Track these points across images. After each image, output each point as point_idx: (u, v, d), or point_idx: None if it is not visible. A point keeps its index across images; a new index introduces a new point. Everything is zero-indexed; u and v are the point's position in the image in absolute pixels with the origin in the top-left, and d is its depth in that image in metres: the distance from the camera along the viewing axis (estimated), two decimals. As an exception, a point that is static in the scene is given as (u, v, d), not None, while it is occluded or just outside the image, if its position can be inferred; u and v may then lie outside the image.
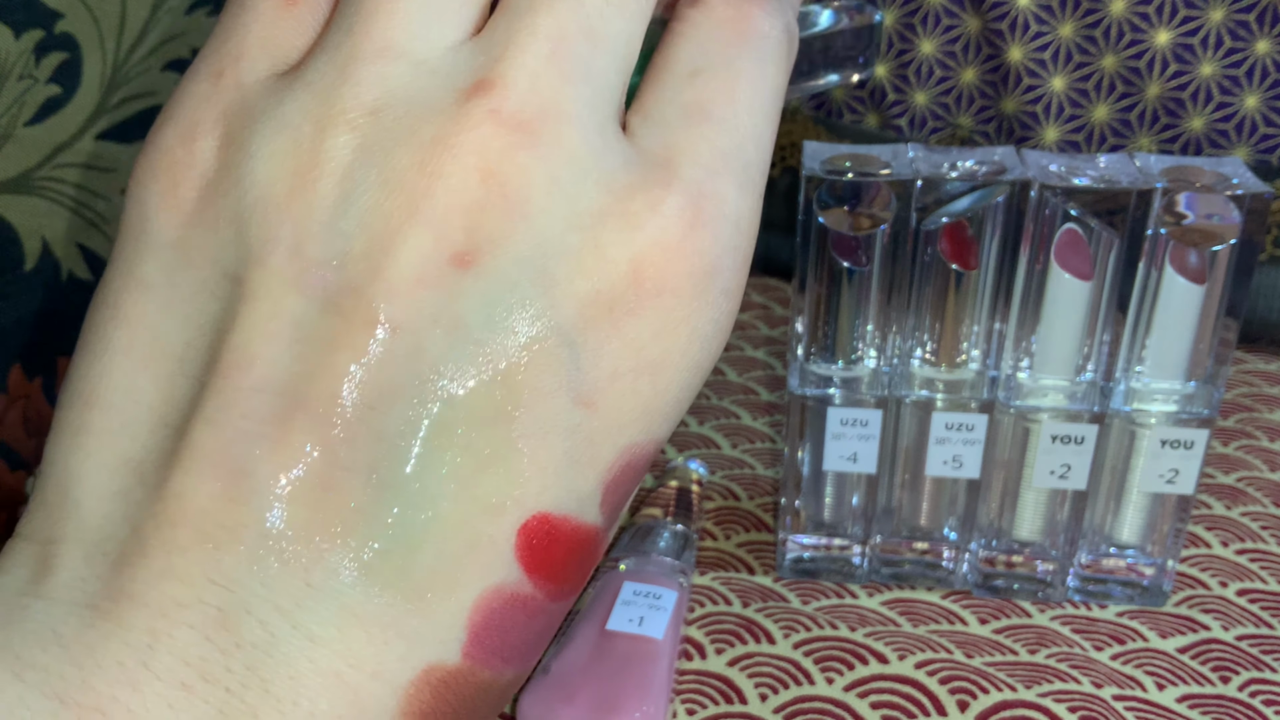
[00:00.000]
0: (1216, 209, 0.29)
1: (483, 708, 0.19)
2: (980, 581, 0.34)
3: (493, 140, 0.17)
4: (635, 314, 0.18)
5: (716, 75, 0.20)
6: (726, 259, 0.19)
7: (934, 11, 0.50)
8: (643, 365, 0.18)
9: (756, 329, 0.53)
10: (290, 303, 0.17)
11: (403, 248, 0.17)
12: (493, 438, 0.17)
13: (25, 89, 0.37)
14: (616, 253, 0.18)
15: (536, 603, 0.18)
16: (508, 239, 0.17)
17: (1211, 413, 0.31)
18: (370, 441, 0.17)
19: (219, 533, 0.17)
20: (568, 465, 0.18)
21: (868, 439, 0.32)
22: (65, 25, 0.37)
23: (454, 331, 0.17)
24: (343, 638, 0.17)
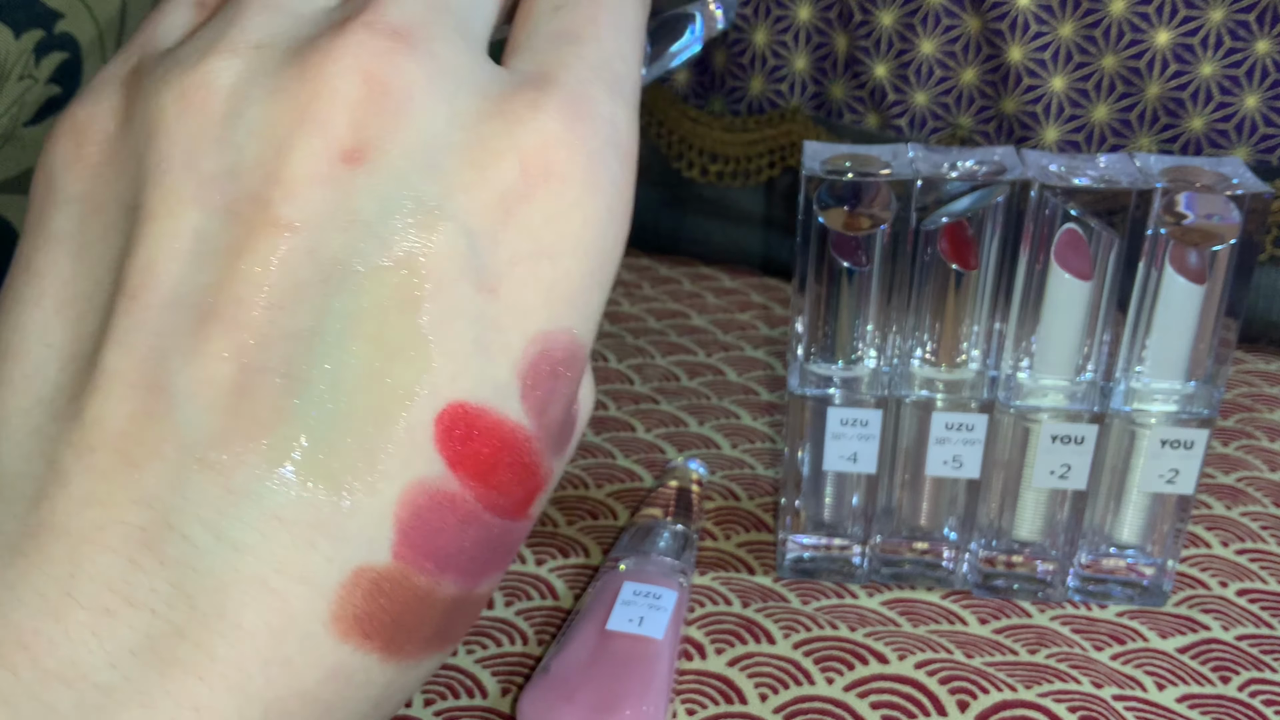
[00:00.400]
0: (1216, 209, 0.29)
1: (425, 621, 0.18)
2: (980, 581, 0.34)
3: (370, 44, 0.18)
4: (526, 200, 0.18)
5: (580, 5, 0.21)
6: (609, 152, 0.19)
7: (934, 11, 0.50)
8: (540, 249, 0.19)
9: (756, 329, 0.53)
10: (190, 216, 0.18)
11: (294, 151, 0.18)
12: (399, 327, 0.18)
13: (25, 89, 0.37)
14: (501, 144, 0.18)
15: (467, 505, 0.18)
16: (393, 135, 0.18)
17: (1211, 413, 0.31)
18: (281, 341, 0.17)
19: (138, 451, 0.17)
20: (476, 351, 0.18)
21: (868, 439, 0.32)
22: (65, 25, 0.37)
23: (351, 226, 0.18)
24: (267, 543, 0.17)
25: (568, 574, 0.35)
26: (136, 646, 0.16)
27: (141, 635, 0.16)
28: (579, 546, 0.36)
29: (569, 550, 0.36)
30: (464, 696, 0.30)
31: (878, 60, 0.51)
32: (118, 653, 0.16)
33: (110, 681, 0.16)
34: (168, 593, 0.16)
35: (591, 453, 0.42)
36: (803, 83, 0.54)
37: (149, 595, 0.16)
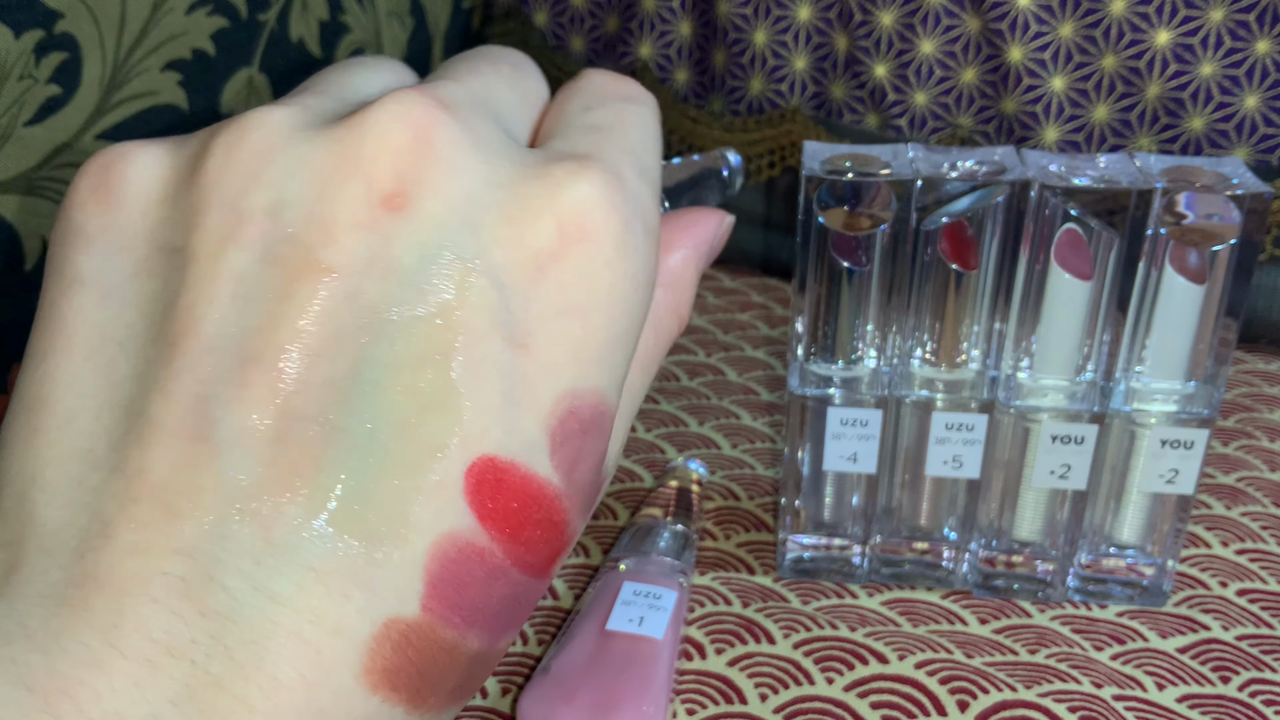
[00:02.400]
0: (1216, 209, 0.29)
1: (449, 674, 0.18)
2: (980, 581, 0.34)
3: (417, 102, 0.19)
4: (559, 259, 0.19)
5: (607, 107, 0.22)
6: (638, 223, 0.20)
7: (934, 11, 0.50)
8: (570, 307, 0.19)
9: (756, 329, 0.53)
10: (231, 258, 0.18)
11: (336, 194, 0.18)
12: (432, 378, 0.18)
13: (25, 89, 0.37)
14: (539, 204, 0.19)
15: (495, 559, 0.18)
16: (434, 185, 0.18)
17: (1211, 413, 0.31)
18: (319, 389, 0.17)
19: (180, 501, 0.17)
20: (507, 406, 0.18)
21: (868, 439, 0.32)
22: (65, 25, 0.37)
23: (390, 274, 0.18)
24: (303, 594, 0.17)
25: (568, 574, 0.35)
26: (177, 697, 0.16)
27: (181, 686, 0.16)
28: (579, 546, 0.36)
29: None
30: (464, 696, 0.30)
31: (878, 60, 0.51)
32: (159, 703, 0.16)
33: None
34: (207, 644, 0.16)
35: (591, 453, 0.42)
36: (803, 83, 0.54)
37: (189, 646, 0.16)
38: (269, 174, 0.18)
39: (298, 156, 0.18)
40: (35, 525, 0.17)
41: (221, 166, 0.18)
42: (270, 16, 0.48)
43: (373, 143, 0.18)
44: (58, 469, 0.18)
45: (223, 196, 0.18)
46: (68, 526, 0.17)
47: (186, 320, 0.18)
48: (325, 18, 0.51)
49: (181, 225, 0.18)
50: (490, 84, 0.21)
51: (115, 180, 0.19)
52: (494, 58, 0.23)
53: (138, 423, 0.17)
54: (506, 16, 0.60)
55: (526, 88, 0.23)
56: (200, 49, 0.44)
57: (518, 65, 0.23)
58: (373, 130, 0.18)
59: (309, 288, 0.18)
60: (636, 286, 0.20)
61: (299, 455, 0.17)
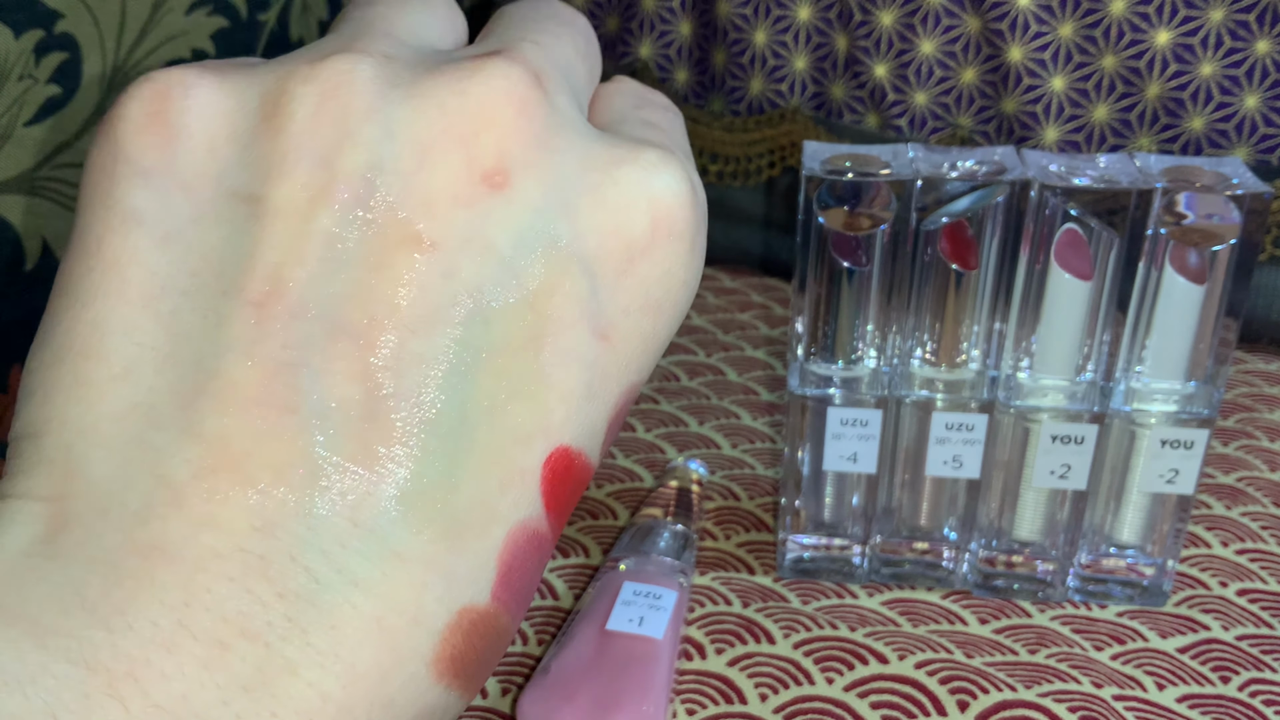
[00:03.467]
0: (1216, 209, 0.29)
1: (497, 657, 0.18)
2: (980, 581, 0.34)
3: (519, 74, 0.18)
4: (648, 254, 0.19)
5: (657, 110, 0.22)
6: (704, 223, 0.20)
7: (934, 11, 0.50)
8: (649, 304, 0.19)
9: (756, 329, 0.53)
10: (321, 218, 0.17)
11: (437, 164, 0.17)
12: (522, 365, 0.17)
13: (25, 89, 0.37)
14: (636, 192, 0.18)
15: (547, 543, 0.18)
16: (535, 165, 0.18)
17: (1211, 413, 0.31)
18: (412, 367, 0.17)
19: (263, 474, 0.16)
20: (587, 397, 0.18)
21: (868, 439, 0.32)
22: (65, 25, 0.37)
23: (487, 253, 0.17)
24: (386, 580, 0.16)
25: (568, 574, 0.35)
26: (250, 682, 0.15)
27: (254, 670, 0.15)
28: (579, 546, 0.36)
29: (569, 550, 0.36)
30: (464, 696, 0.30)
31: (878, 60, 0.51)
32: (230, 688, 0.15)
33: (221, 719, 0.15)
34: (284, 627, 0.15)
35: (591, 453, 0.42)
36: (803, 83, 0.54)
37: (265, 629, 0.15)
38: (366, 133, 0.17)
39: (398, 118, 0.17)
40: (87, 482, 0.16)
41: (312, 117, 0.17)
42: (270, 16, 0.48)
43: (476, 116, 0.17)
44: (114, 424, 0.16)
45: (314, 150, 0.17)
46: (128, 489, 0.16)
47: (272, 279, 0.17)
48: (325, 18, 0.51)
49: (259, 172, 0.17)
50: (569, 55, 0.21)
51: (176, 111, 0.18)
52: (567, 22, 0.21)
53: (214, 384, 0.16)
54: (506, 16, 0.60)
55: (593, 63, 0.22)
56: (200, 49, 0.44)
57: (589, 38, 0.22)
58: (477, 102, 0.17)
59: (406, 260, 0.17)
60: (694, 287, 0.20)
61: (389, 434, 0.16)
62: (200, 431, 0.16)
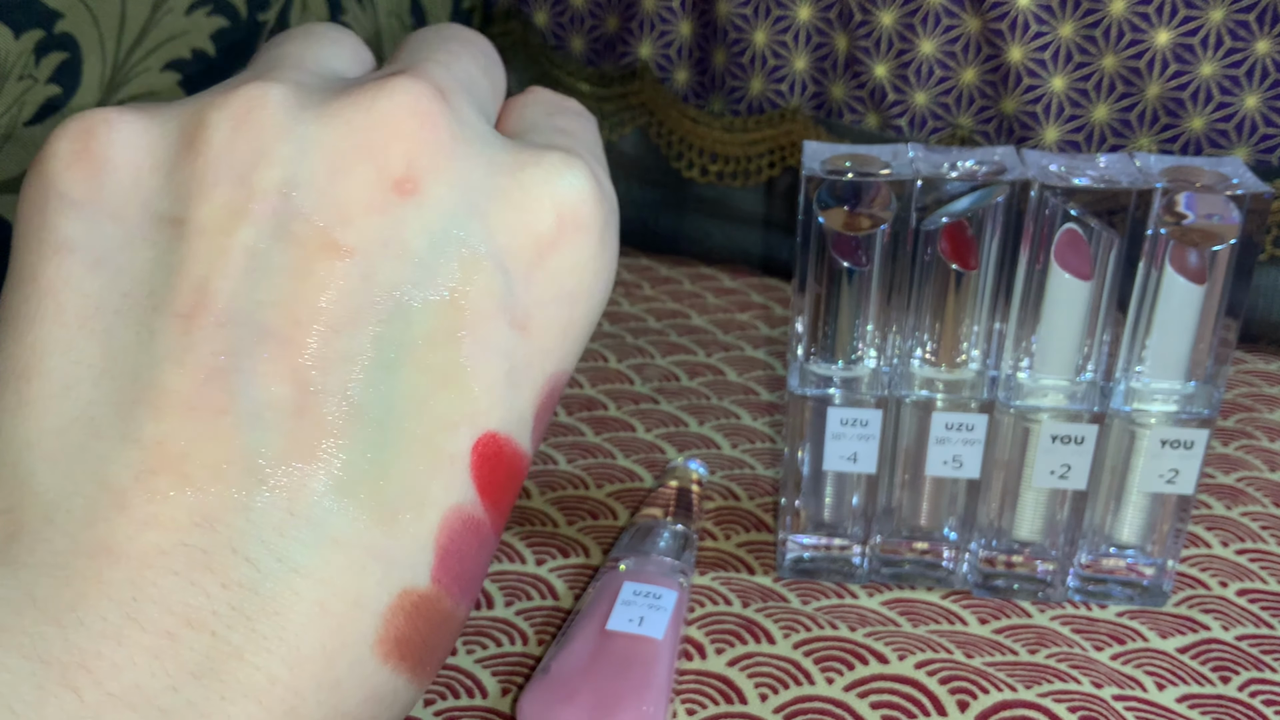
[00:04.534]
0: (1216, 209, 0.29)
1: (446, 643, 0.19)
2: (980, 581, 0.34)
3: (421, 89, 0.19)
4: (556, 248, 0.20)
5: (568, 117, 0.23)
6: (614, 217, 0.21)
7: (934, 11, 0.50)
8: (563, 295, 0.20)
9: (756, 329, 0.53)
10: (242, 233, 0.18)
11: (349, 175, 0.18)
12: (445, 357, 0.18)
13: (25, 89, 0.37)
14: (540, 192, 0.20)
15: (485, 529, 0.19)
16: (443, 171, 0.19)
17: (1211, 413, 0.31)
18: (338, 365, 0.18)
19: (201, 474, 0.17)
20: (509, 386, 0.19)
21: (868, 439, 0.32)
22: (65, 25, 0.37)
23: (403, 256, 0.18)
24: (325, 565, 0.17)
25: (568, 574, 0.35)
26: (198, 669, 0.16)
27: (203, 658, 0.16)
28: (579, 546, 0.36)
29: (569, 550, 0.36)
30: (464, 696, 0.30)
31: (878, 60, 0.51)
32: (179, 675, 0.16)
33: (173, 705, 0.16)
34: (229, 616, 0.16)
35: (591, 453, 0.42)
36: (803, 83, 0.54)
37: (211, 618, 0.16)
38: (280, 151, 0.18)
39: (309, 136, 0.18)
40: (34, 493, 0.17)
41: (228, 140, 0.18)
42: (270, 16, 0.48)
43: (382, 127, 0.19)
44: (57, 437, 0.17)
45: (231, 170, 0.18)
46: (73, 495, 0.17)
47: (198, 292, 0.18)
48: (325, 18, 0.51)
49: (181, 195, 0.18)
50: (470, 71, 0.22)
51: (101, 145, 0.19)
52: (467, 41, 0.23)
53: (149, 393, 0.17)
54: (506, 16, 0.60)
55: (496, 77, 0.23)
56: (200, 49, 0.44)
57: (489, 55, 0.23)
58: (382, 115, 0.19)
59: (326, 266, 0.18)
60: (610, 277, 0.21)
61: (321, 429, 0.17)
62: (139, 437, 0.17)
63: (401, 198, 0.19)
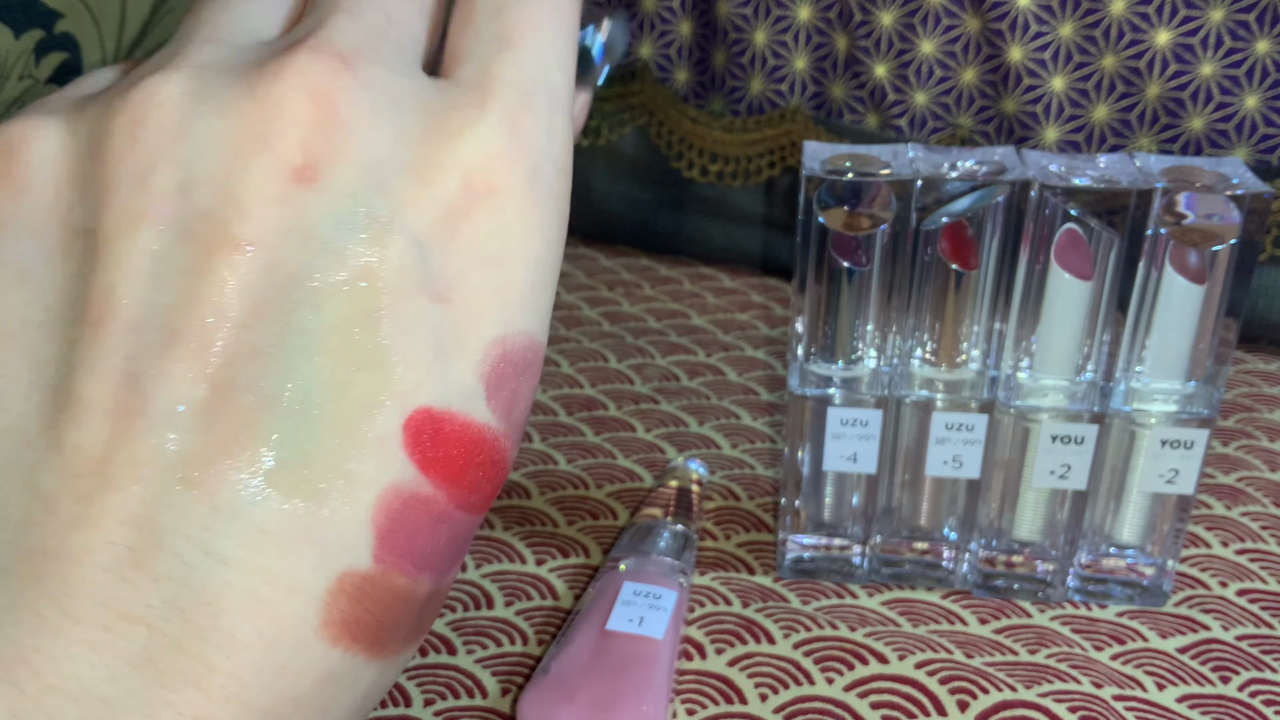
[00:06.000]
0: (1216, 209, 0.29)
1: (405, 620, 0.19)
2: (980, 581, 0.34)
3: (316, 65, 0.19)
4: (470, 215, 0.19)
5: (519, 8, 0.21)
6: (547, 165, 0.20)
7: (934, 11, 0.50)
8: (487, 260, 0.19)
9: (756, 329, 0.53)
10: (144, 238, 0.18)
11: (246, 169, 0.18)
12: (360, 340, 0.18)
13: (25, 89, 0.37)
14: (445, 161, 0.19)
15: (440, 505, 0.19)
16: (343, 154, 0.19)
17: (1211, 413, 0.31)
18: (248, 359, 0.18)
19: (120, 475, 0.17)
20: (437, 358, 0.19)
21: (868, 439, 0.32)
22: (65, 25, 0.37)
23: (307, 243, 0.18)
24: (255, 555, 0.17)
25: (568, 574, 0.35)
26: (136, 660, 0.16)
27: (140, 649, 0.16)
28: (579, 546, 0.36)
29: (569, 550, 0.36)
30: (464, 696, 0.30)
31: (878, 60, 0.51)
32: (117, 666, 0.16)
33: (113, 694, 0.16)
34: (162, 608, 0.17)
35: (591, 453, 0.42)
36: (803, 83, 0.54)
37: (144, 611, 0.17)
38: (176, 152, 0.18)
39: (203, 132, 0.18)
40: None
41: (126, 147, 0.18)
42: (270, 16, 0.48)
43: (276, 117, 0.18)
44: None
45: (129, 176, 0.18)
46: (8, 504, 0.17)
47: (106, 301, 0.18)
48: (325, 18, 0.51)
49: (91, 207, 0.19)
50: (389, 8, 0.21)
51: (21, 165, 0.19)
52: None
53: (68, 401, 0.17)
54: (506, 16, 0.60)
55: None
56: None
57: None
58: (276, 103, 0.18)
59: (226, 262, 0.18)
60: (550, 226, 0.20)
61: (235, 423, 0.17)
62: (61, 445, 0.17)
63: (301, 185, 0.18)
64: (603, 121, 0.59)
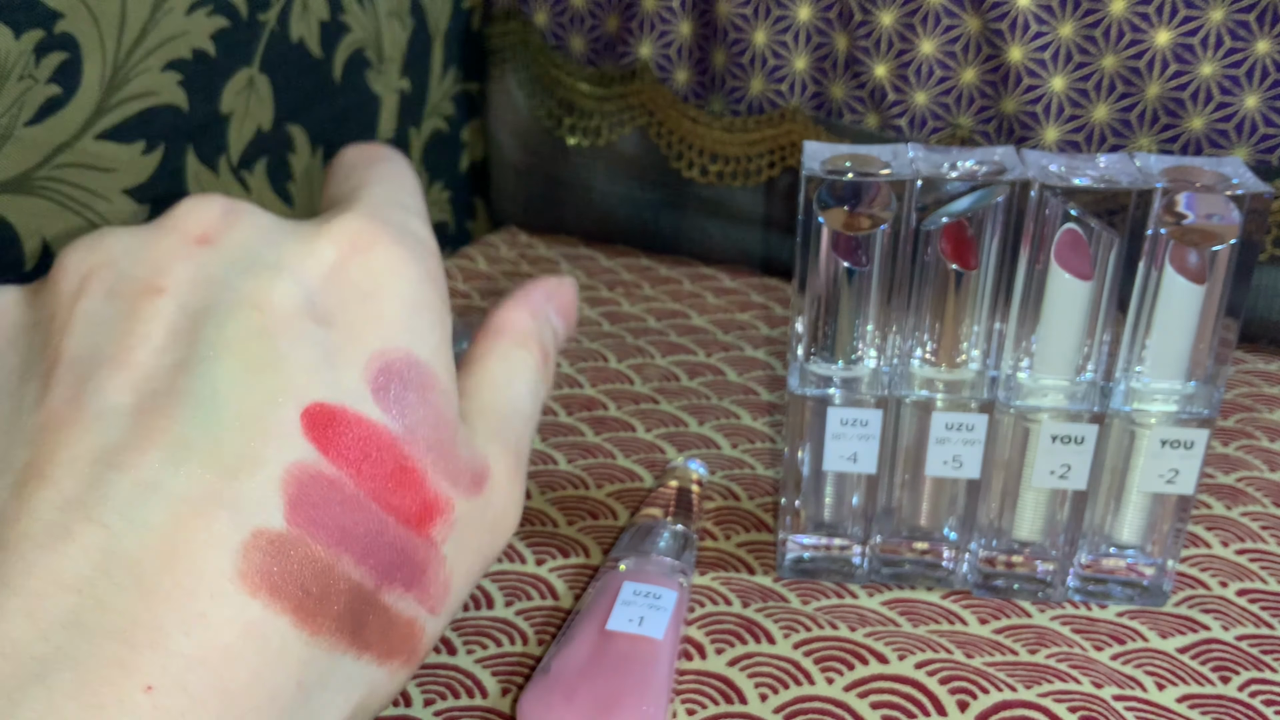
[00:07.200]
0: (1216, 209, 0.29)
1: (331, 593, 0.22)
2: (980, 581, 0.34)
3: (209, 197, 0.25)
4: (344, 267, 0.24)
5: (359, 171, 0.30)
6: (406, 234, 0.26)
7: (934, 11, 0.50)
8: (363, 294, 0.24)
9: (756, 329, 0.53)
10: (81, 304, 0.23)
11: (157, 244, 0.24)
12: (258, 349, 0.22)
13: (25, 89, 0.37)
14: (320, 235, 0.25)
15: (348, 488, 0.22)
16: (236, 225, 0.25)
17: (1211, 413, 0.31)
18: (166, 371, 0.22)
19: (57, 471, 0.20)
20: (326, 366, 0.23)
21: (868, 439, 0.32)
22: (65, 25, 0.37)
23: (210, 284, 0.23)
24: (173, 518, 0.20)
25: (568, 574, 0.35)
26: (66, 621, 0.19)
27: (69, 611, 0.19)
28: (579, 546, 0.36)
29: (569, 550, 0.36)
30: (464, 696, 0.30)
31: (878, 60, 0.51)
32: (49, 627, 0.18)
33: (44, 652, 0.18)
34: (91, 574, 0.19)
35: (591, 453, 0.42)
36: (803, 83, 0.54)
37: (74, 578, 0.19)
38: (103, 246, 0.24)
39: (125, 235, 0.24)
40: None
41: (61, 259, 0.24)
42: (270, 16, 0.48)
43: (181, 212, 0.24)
44: None
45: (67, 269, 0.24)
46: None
47: (53, 354, 0.22)
48: (325, 18, 0.51)
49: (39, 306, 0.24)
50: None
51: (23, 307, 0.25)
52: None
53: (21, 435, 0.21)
54: (506, 16, 0.60)
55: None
56: (200, 49, 0.44)
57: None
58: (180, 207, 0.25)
59: (148, 304, 0.23)
60: (415, 269, 0.25)
61: (156, 418, 0.21)
62: (14, 466, 0.21)
63: (202, 246, 0.24)
64: (603, 121, 0.59)
